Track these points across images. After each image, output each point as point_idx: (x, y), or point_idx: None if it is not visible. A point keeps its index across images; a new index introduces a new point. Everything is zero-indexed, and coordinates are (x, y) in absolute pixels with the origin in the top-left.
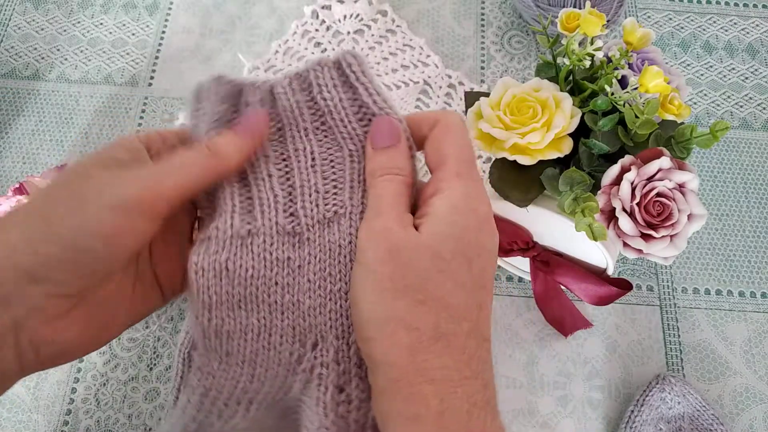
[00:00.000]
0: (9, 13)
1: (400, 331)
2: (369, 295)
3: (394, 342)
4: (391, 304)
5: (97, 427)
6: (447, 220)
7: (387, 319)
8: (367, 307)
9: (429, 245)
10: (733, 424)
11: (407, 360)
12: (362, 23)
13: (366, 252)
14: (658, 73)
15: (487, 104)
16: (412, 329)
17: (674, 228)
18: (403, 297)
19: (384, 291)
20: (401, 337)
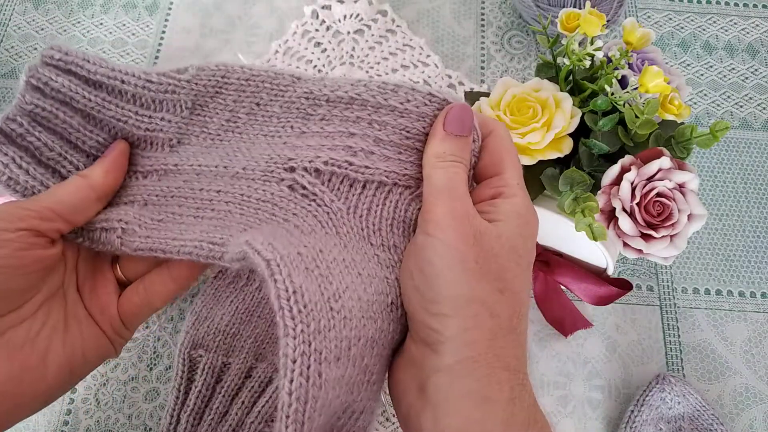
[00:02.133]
0: (9, 13)
1: (484, 313)
2: (452, 272)
3: (477, 322)
4: (476, 285)
5: (97, 427)
6: (515, 223)
7: (471, 298)
8: (450, 284)
9: (508, 237)
10: (733, 424)
11: (488, 343)
12: (362, 23)
13: (447, 230)
14: (658, 73)
15: (487, 104)
16: (495, 315)
17: (674, 228)
18: (486, 282)
19: (469, 271)
20: (485, 319)
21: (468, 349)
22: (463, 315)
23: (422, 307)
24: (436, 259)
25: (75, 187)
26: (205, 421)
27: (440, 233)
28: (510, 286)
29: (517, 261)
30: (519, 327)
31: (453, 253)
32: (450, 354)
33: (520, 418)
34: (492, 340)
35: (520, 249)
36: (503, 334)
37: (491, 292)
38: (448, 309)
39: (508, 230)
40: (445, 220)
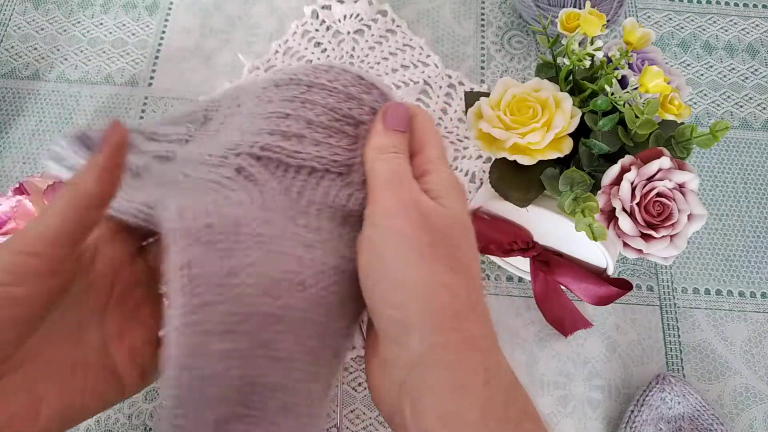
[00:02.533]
0: (9, 13)
1: (444, 295)
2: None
3: (439, 305)
4: (432, 267)
5: (97, 427)
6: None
7: (429, 282)
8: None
9: (456, 215)
10: (733, 424)
11: (453, 325)
12: (362, 23)
13: (395, 218)
14: (658, 73)
15: (487, 104)
16: (455, 295)
17: (674, 228)
18: (441, 262)
19: (423, 254)
20: (446, 301)
21: (435, 334)
22: (423, 299)
23: (381, 300)
24: (388, 247)
25: (63, 205)
26: None
27: (388, 222)
28: (463, 263)
29: (466, 236)
30: (479, 304)
31: (404, 239)
32: (417, 343)
33: (499, 400)
34: (456, 321)
35: (467, 222)
36: (466, 314)
37: (447, 272)
38: (407, 296)
39: (453, 205)
40: (392, 209)
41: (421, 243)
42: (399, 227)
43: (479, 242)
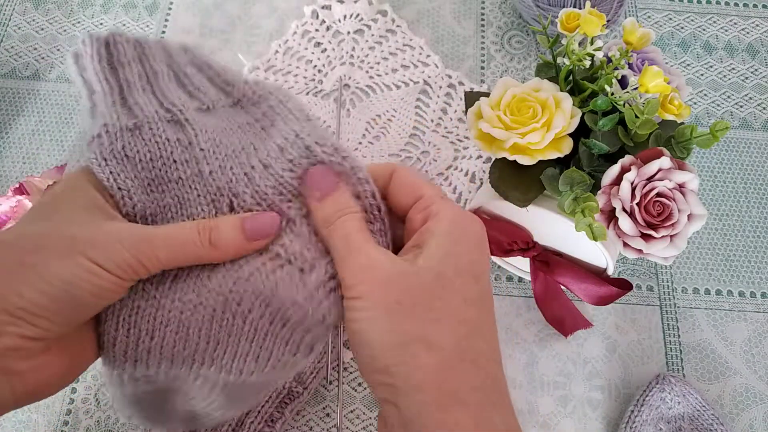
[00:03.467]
0: (9, 13)
1: (421, 352)
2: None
3: (418, 363)
4: (406, 326)
5: (97, 427)
6: (448, 239)
7: (405, 341)
8: (379, 336)
9: (429, 267)
10: (733, 424)
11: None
12: (362, 23)
13: (358, 286)
14: (658, 73)
15: (487, 104)
16: (435, 348)
17: (674, 228)
18: (415, 317)
19: (393, 314)
20: (424, 356)
21: (419, 393)
22: (401, 361)
23: (365, 365)
24: (359, 317)
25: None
26: None
27: (353, 292)
28: (444, 312)
29: (444, 285)
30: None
31: (370, 305)
32: (408, 406)
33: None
34: (439, 375)
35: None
36: (452, 366)
37: (425, 326)
38: (387, 359)
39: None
40: (351, 279)
41: (389, 303)
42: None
43: None
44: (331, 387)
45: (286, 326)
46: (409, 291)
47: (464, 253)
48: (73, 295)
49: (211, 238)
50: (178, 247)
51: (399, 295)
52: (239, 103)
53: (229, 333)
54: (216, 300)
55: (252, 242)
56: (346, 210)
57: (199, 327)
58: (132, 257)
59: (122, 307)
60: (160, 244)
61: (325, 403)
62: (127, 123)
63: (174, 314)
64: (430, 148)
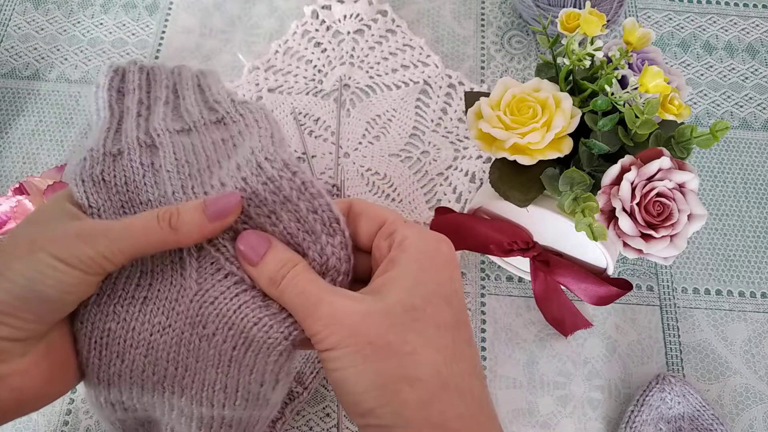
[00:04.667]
0: (9, 13)
1: (403, 388)
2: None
3: (400, 400)
4: (383, 366)
5: (97, 427)
6: (414, 267)
7: (385, 382)
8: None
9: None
10: (733, 424)
11: (421, 415)
12: (362, 23)
13: (329, 338)
14: (658, 73)
15: (487, 104)
16: (414, 381)
17: (674, 228)
18: (390, 355)
19: (368, 358)
20: (407, 392)
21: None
22: (385, 401)
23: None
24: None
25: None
26: None
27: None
28: (418, 343)
29: (416, 316)
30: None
31: (344, 353)
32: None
33: None
34: (424, 410)
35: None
36: (436, 397)
37: (401, 362)
38: (371, 402)
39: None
40: (323, 332)
41: (360, 347)
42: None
43: (479, 242)
44: (331, 387)
45: (249, 351)
46: (380, 330)
47: (432, 278)
48: (37, 292)
49: (171, 222)
50: (139, 235)
51: (370, 336)
52: (222, 120)
53: (196, 358)
54: (184, 323)
55: (214, 222)
56: (288, 265)
57: (167, 350)
58: (92, 250)
59: (93, 329)
60: (121, 235)
61: (325, 403)
62: (112, 149)
63: (143, 336)
64: (430, 148)
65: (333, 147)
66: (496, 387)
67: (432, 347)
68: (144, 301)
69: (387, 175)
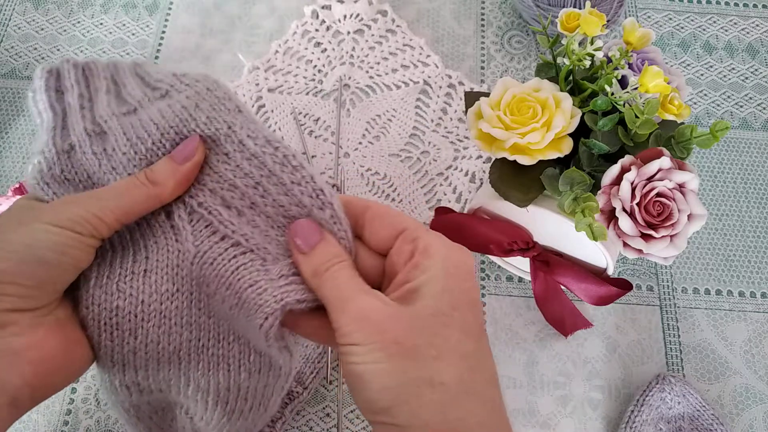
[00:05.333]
0: (9, 13)
1: (425, 390)
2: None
3: (422, 402)
4: (407, 366)
5: (97, 427)
6: (443, 274)
7: (406, 382)
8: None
9: (426, 305)
10: (733, 424)
11: (441, 418)
12: (362, 23)
13: (354, 334)
14: (658, 73)
15: (487, 104)
16: (437, 384)
17: (674, 228)
18: (415, 357)
19: (393, 356)
20: (428, 394)
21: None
22: (404, 400)
23: (368, 407)
24: (356, 360)
25: (144, 197)
26: None
27: (350, 339)
28: (444, 348)
29: (444, 322)
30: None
31: (369, 349)
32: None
33: None
34: (443, 414)
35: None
36: (457, 402)
37: (425, 364)
38: (389, 401)
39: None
40: (350, 327)
41: (388, 345)
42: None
43: (479, 242)
44: (331, 387)
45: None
46: (408, 331)
47: (458, 286)
48: (37, 256)
49: (148, 177)
50: (124, 193)
51: (397, 336)
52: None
53: (208, 315)
54: (191, 284)
55: (184, 163)
56: (334, 260)
57: (180, 315)
58: (85, 211)
59: (101, 311)
60: (107, 195)
61: (325, 403)
62: (63, 146)
63: (154, 307)
64: (430, 148)
65: (333, 147)
66: None
67: (457, 353)
68: (145, 273)
69: (387, 175)
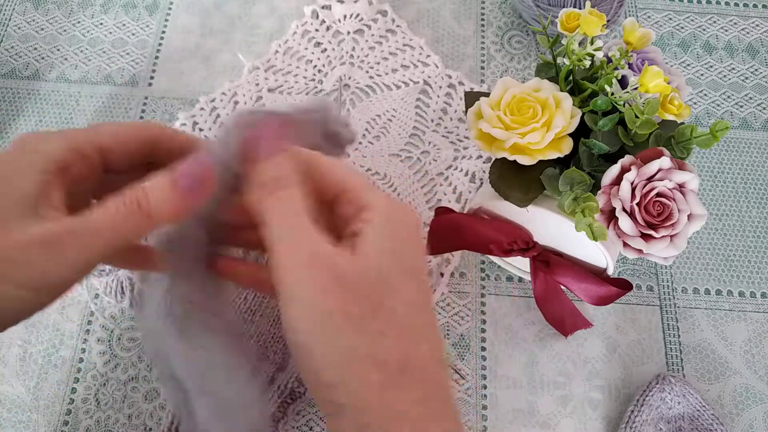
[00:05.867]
0: (9, 13)
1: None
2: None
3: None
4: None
5: (97, 427)
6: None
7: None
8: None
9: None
10: (733, 424)
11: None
12: (362, 23)
13: (299, 284)
14: (658, 73)
15: (487, 104)
16: (381, 364)
17: (674, 228)
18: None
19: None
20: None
21: (362, 414)
22: (347, 379)
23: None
24: (300, 323)
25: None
26: None
27: (292, 290)
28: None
29: (388, 290)
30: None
31: (312, 311)
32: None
33: None
34: (385, 393)
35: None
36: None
37: (373, 340)
38: (332, 377)
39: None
40: (291, 274)
41: (334, 311)
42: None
43: (479, 242)
44: None
45: None
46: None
47: (401, 250)
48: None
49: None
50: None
51: (343, 302)
52: None
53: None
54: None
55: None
56: (285, 181)
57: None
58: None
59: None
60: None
61: None
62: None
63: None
64: (430, 148)
65: None
66: (496, 387)
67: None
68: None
69: (387, 175)
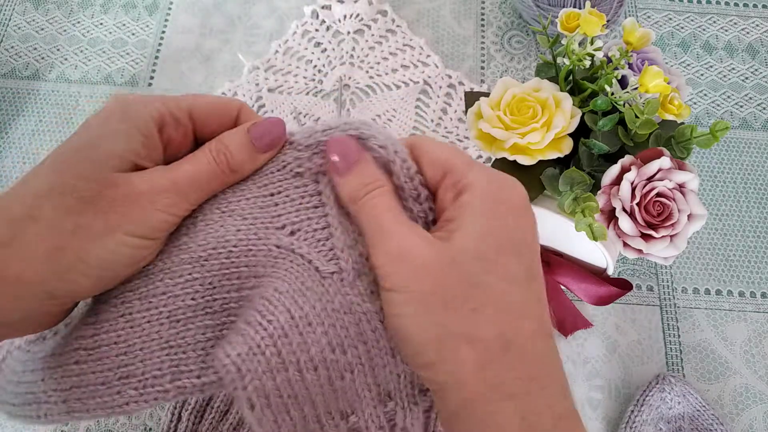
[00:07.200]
0: (9, 13)
1: (462, 346)
2: (415, 317)
3: (458, 359)
4: (443, 319)
5: (97, 427)
6: (483, 215)
7: (444, 336)
8: (417, 330)
9: (465, 248)
10: (733, 424)
11: (477, 376)
12: (362, 23)
13: (392, 276)
14: (658, 73)
15: (487, 104)
16: (476, 341)
17: (674, 228)
18: (454, 309)
19: (430, 307)
20: (465, 351)
21: (461, 390)
22: (442, 357)
23: (412, 362)
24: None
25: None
26: (206, 419)
27: (387, 283)
28: (485, 300)
29: (484, 268)
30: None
31: (404, 298)
32: (451, 400)
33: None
34: (482, 371)
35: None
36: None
37: (464, 317)
38: (431, 356)
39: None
40: (387, 267)
41: (425, 294)
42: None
43: None
44: None
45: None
46: (446, 280)
47: (503, 227)
48: (114, 272)
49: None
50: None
51: (435, 285)
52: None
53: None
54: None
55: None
56: (372, 185)
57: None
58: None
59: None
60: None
61: None
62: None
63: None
64: None
65: None
66: None
67: (497, 305)
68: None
69: None
